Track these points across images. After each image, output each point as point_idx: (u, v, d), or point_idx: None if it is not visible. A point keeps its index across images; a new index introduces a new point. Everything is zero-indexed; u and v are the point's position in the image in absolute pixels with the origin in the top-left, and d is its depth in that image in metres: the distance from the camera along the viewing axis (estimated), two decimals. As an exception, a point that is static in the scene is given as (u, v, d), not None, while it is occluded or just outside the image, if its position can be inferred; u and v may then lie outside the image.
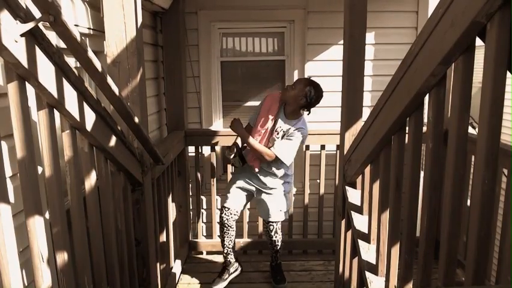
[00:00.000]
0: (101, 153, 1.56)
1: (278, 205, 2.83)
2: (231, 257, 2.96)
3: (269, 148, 2.65)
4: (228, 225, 2.83)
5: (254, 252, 3.47)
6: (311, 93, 2.57)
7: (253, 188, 2.86)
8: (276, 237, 2.91)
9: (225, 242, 2.89)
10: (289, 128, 2.62)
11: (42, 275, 1.09)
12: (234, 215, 2.85)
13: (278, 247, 2.96)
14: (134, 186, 1.99)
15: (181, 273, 3.15)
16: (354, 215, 1.97)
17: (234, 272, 3.00)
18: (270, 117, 2.66)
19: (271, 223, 2.87)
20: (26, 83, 1.05)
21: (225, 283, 2.95)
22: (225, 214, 2.82)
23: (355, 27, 1.97)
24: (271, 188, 2.80)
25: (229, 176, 3.38)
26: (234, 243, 2.96)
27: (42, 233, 1.10)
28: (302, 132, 2.63)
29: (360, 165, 1.87)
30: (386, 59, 3.41)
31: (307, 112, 2.70)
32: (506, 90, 0.91)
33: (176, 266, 3.05)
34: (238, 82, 3.69)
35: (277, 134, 2.65)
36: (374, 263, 1.68)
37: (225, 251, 2.93)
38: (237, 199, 2.86)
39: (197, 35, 3.44)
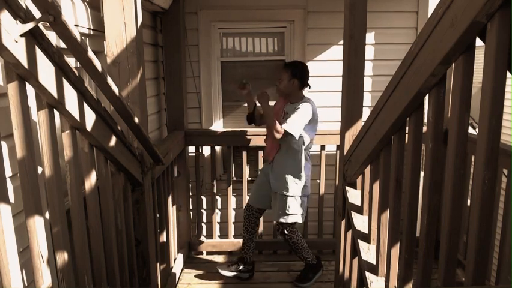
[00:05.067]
0: (101, 153, 1.56)
1: (282, 206, 2.77)
2: (247, 256, 3.01)
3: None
4: (247, 222, 2.92)
5: (254, 252, 3.46)
6: (296, 70, 2.66)
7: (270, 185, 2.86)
8: (284, 237, 2.84)
9: (244, 237, 2.98)
10: (295, 108, 2.64)
11: (43, 275, 1.09)
12: (256, 212, 2.90)
13: (293, 247, 2.87)
14: (134, 186, 1.98)
15: (181, 273, 3.15)
16: (354, 215, 1.97)
17: (243, 270, 3.02)
18: (279, 112, 2.76)
19: (278, 224, 2.86)
20: (26, 83, 1.05)
21: (229, 274, 2.98)
22: (246, 210, 2.95)
23: (355, 27, 1.97)
24: (277, 186, 2.77)
25: (229, 176, 3.39)
26: (254, 242, 3.00)
27: (42, 233, 1.10)
28: (306, 105, 2.62)
29: (360, 165, 1.87)
30: (386, 59, 3.41)
31: (308, 87, 2.76)
32: (506, 90, 0.91)
33: (177, 266, 3.05)
34: (238, 82, 3.68)
35: (286, 116, 2.67)
36: (374, 263, 1.68)
37: (242, 247, 3.01)
38: (256, 196, 2.90)
39: (197, 35, 3.44)
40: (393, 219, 1.47)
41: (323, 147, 3.30)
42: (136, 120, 1.70)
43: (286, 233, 2.82)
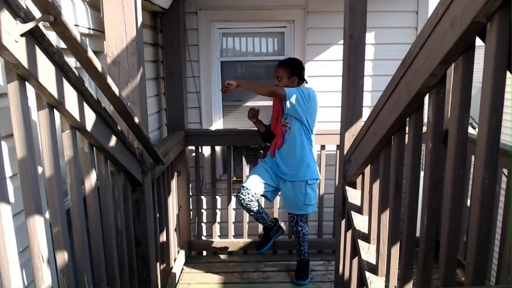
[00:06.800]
0: (101, 153, 1.56)
1: (302, 197, 2.80)
2: (269, 223, 3.01)
3: (284, 132, 2.77)
4: (249, 206, 2.80)
5: (254, 252, 3.46)
6: (294, 69, 2.71)
7: (276, 177, 2.86)
8: (297, 228, 2.90)
9: (260, 221, 2.97)
10: None
11: (43, 275, 1.09)
12: (252, 196, 2.79)
13: (301, 239, 2.95)
14: (134, 186, 1.99)
15: (181, 273, 3.15)
16: (354, 215, 1.97)
17: (276, 233, 3.06)
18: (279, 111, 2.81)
19: (291, 214, 2.89)
20: (26, 83, 1.05)
21: (269, 245, 3.05)
22: (242, 193, 2.80)
23: (355, 27, 1.97)
24: (292, 176, 2.78)
25: (229, 176, 3.39)
26: (265, 213, 2.95)
27: (42, 233, 1.10)
28: (302, 88, 2.68)
29: (360, 165, 1.87)
30: (386, 59, 3.41)
31: (305, 82, 2.84)
32: (506, 90, 0.91)
33: (177, 266, 3.05)
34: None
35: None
36: (374, 263, 1.68)
37: (263, 223, 3.01)
38: (256, 181, 2.83)
39: (197, 35, 3.44)
40: (393, 219, 1.47)
41: (323, 147, 3.30)
42: (136, 120, 1.70)
43: (300, 223, 2.89)
